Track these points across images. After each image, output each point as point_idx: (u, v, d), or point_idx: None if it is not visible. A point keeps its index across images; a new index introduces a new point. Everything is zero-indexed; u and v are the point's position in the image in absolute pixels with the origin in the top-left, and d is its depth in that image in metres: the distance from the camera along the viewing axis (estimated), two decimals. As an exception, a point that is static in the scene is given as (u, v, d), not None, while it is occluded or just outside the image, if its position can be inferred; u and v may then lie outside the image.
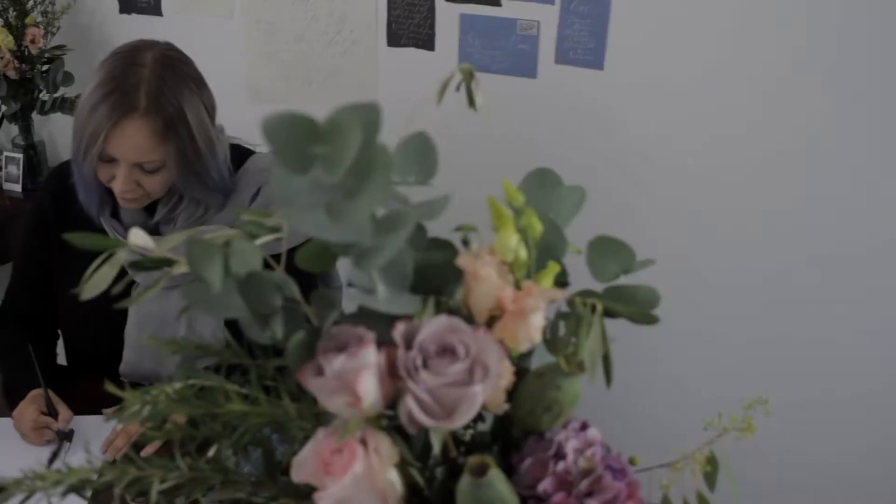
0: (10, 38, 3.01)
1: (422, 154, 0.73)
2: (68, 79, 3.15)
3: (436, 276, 0.75)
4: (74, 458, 1.83)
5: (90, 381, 2.09)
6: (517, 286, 0.74)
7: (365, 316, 0.73)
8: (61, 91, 3.19)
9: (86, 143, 1.81)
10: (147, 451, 1.81)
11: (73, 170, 1.94)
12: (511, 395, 0.74)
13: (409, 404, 0.67)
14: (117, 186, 1.87)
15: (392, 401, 0.70)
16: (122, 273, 2.04)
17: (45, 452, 1.86)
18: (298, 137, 0.55)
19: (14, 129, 3.44)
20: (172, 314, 2.02)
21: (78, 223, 2.05)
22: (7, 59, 3.02)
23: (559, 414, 0.74)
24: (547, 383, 0.73)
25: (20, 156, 3.26)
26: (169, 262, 0.78)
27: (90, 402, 2.02)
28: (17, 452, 1.86)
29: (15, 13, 3.07)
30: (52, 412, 1.89)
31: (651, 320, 0.77)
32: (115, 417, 0.82)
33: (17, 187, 3.28)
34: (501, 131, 2.78)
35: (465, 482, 0.67)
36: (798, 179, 2.51)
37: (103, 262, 0.79)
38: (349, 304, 0.75)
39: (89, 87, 1.84)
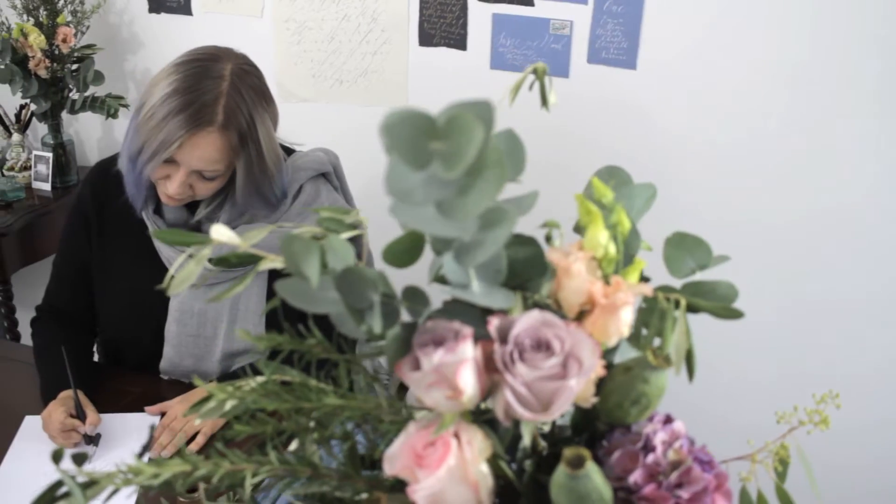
0: (42, 37, 3.02)
1: (510, 151, 0.73)
2: (98, 78, 3.16)
3: (520, 271, 0.76)
4: (100, 462, 1.85)
5: (127, 378, 2.12)
6: (605, 281, 0.75)
7: (451, 311, 0.74)
8: (91, 90, 3.19)
9: (155, 148, 1.82)
10: (192, 448, 1.83)
11: (125, 165, 1.95)
12: (598, 388, 0.74)
13: (507, 397, 0.68)
14: (171, 189, 1.88)
15: (486, 394, 0.71)
16: (163, 269, 2.05)
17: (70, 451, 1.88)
18: (417, 134, 0.56)
19: (43, 129, 3.46)
20: (213, 312, 2.04)
21: (118, 220, 2.07)
22: (38, 59, 3.03)
23: (647, 407, 0.75)
24: (635, 376, 0.74)
25: (50, 154, 3.27)
26: (254, 258, 0.78)
27: (127, 399, 2.04)
28: (48, 449, 1.87)
29: (46, 12, 3.09)
30: (81, 415, 1.89)
31: (735, 315, 0.78)
32: (194, 412, 0.83)
33: (47, 186, 3.29)
34: (533, 130, 2.79)
35: (560, 474, 0.67)
36: (833, 178, 2.52)
37: (189, 258, 0.79)
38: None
39: (161, 91, 1.83)
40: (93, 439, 1.88)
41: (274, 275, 2.04)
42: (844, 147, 2.48)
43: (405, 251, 0.75)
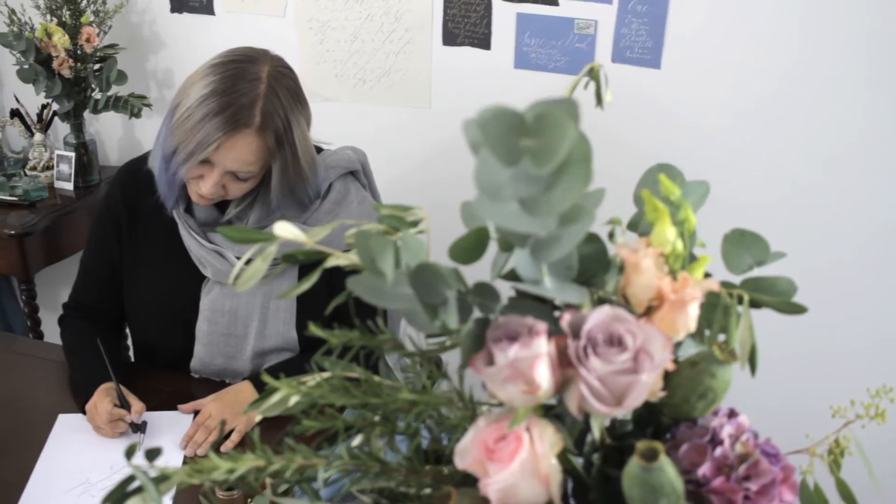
0: (66, 37, 3.03)
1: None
2: (122, 77, 3.17)
3: (585, 267, 0.77)
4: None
5: (158, 376, 2.13)
6: (672, 277, 0.76)
7: (518, 307, 0.75)
8: (114, 89, 3.21)
9: (192, 148, 1.83)
10: (227, 445, 1.84)
11: (158, 164, 1.96)
12: (664, 382, 0.75)
13: (582, 391, 0.69)
14: (205, 189, 1.89)
15: (558, 389, 0.72)
16: (193, 268, 2.03)
17: (103, 449, 1.89)
18: (507, 130, 0.57)
19: (63, 129, 3.48)
20: (244, 310, 2.05)
21: (148, 220, 2.08)
22: (62, 58, 3.04)
23: (713, 401, 0.76)
24: (702, 371, 0.75)
25: (72, 154, 3.28)
26: (321, 255, 0.79)
27: (160, 397, 2.05)
28: (85, 447, 1.89)
29: (69, 12, 3.10)
30: (125, 404, 1.91)
31: (799, 310, 0.79)
32: (255, 408, 0.84)
33: (69, 185, 3.29)
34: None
35: (634, 467, 0.68)
36: (860, 179, 2.52)
37: (255, 255, 0.80)
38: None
39: (197, 92, 1.85)
40: (139, 427, 1.90)
41: (304, 272, 2.05)
42: (870, 146, 2.49)
43: (470, 248, 0.76)
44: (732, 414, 0.78)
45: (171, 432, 1.93)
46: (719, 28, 2.55)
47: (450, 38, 2.84)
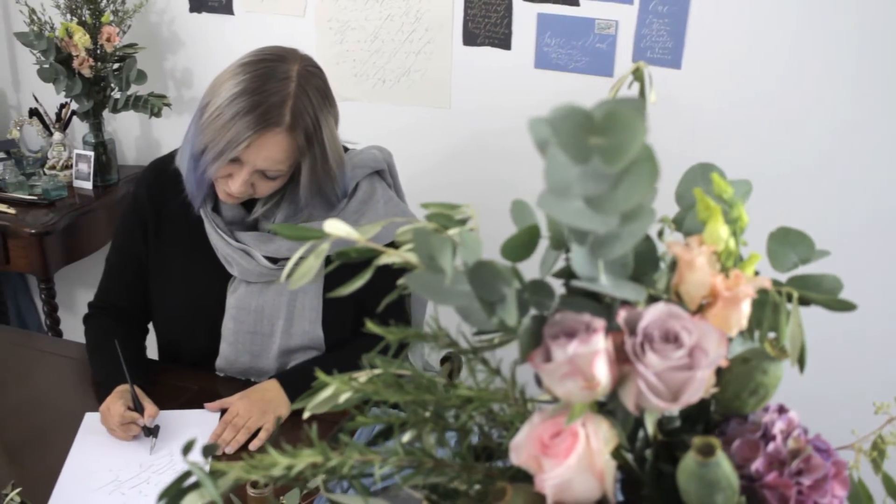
0: (87, 36, 3.05)
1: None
2: (142, 77, 3.18)
3: (636, 264, 0.78)
4: (159, 456, 1.87)
5: (183, 375, 2.14)
6: (725, 275, 0.77)
7: (570, 304, 0.76)
8: (133, 89, 3.22)
9: (222, 147, 1.84)
10: (255, 444, 1.85)
11: (186, 164, 1.96)
12: (716, 378, 0.76)
13: (640, 386, 0.70)
14: (234, 187, 1.90)
15: (615, 385, 0.73)
16: (219, 267, 2.04)
17: (131, 447, 1.90)
18: (577, 129, 0.58)
19: (80, 128, 3.49)
20: (270, 308, 2.06)
21: (175, 220, 2.09)
22: (83, 58, 3.06)
23: (764, 397, 0.77)
24: (753, 367, 0.76)
25: (91, 153, 3.29)
26: (373, 252, 0.80)
27: (185, 396, 2.06)
28: (113, 445, 1.90)
29: (89, 12, 3.11)
30: (139, 407, 1.91)
31: (848, 307, 0.80)
32: (303, 404, 0.85)
33: (88, 185, 3.31)
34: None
35: (690, 462, 0.69)
36: (881, 178, 2.53)
37: (307, 252, 0.80)
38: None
39: (227, 91, 1.86)
40: (152, 431, 1.90)
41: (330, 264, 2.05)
42: (892, 147, 2.49)
43: (522, 245, 0.77)
44: (782, 410, 0.78)
45: (198, 431, 1.93)
46: (740, 28, 2.56)
47: (470, 39, 2.85)
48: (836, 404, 2.23)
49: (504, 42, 2.81)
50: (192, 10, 3.28)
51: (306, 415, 0.85)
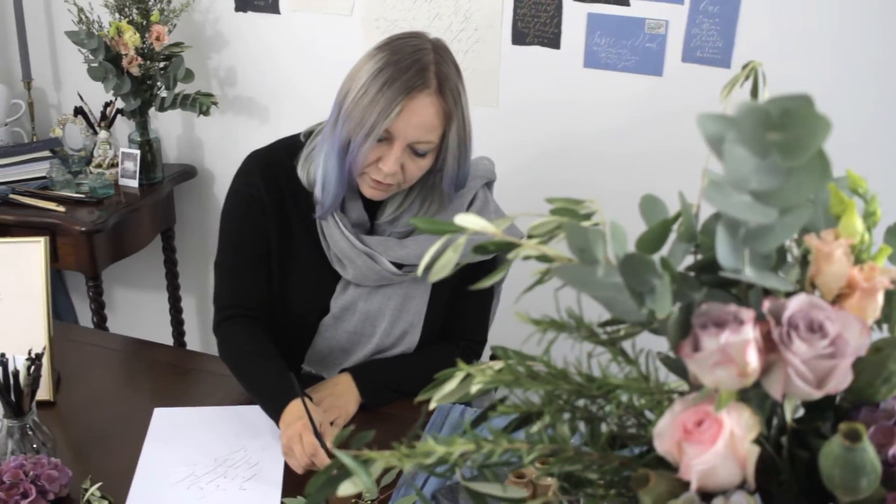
0: (137, 35, 3.08)
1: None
2: (189, 75, 3.21)
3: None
4: (231, 449, 1.89)
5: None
6: (860, 267, 0.79)
7: (715, 296, 0.79)
8: (179, 87, 3.25)
9: (374, 120, 1.83)
10: (327, 438, 1.86)
11: (332, 162, 1.95)
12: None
13: (789, 374, 0.72)
14: (387, 166, 1.88)
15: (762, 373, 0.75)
16: (327, 265, 2.05)
17: (215, 438, 1.92)
18: (757, 125, 0.60)
19: (122, 127, 3.52)
20: (376, 311, 2.08)
21: (287, 216, 2.08)
22: (132, 57, 3.08)
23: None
24: (886, 356, 0.78)
25: (137, 152, 3.32)
26: (511, 246, 0.82)
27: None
28: (185, 440, 1.92)
29: (137, 11, 3.14)
30: (318, 436, 1.76)
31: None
32: (428, 396, 0.87)
33: (134, 183, 3.33)
34: (628, 128, 2.84)
35: (836, 447, 0.72)
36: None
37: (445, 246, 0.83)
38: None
39: (367, 71, 1.87)
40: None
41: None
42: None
43: (655, 239, 0.79)
44: (912, 398, 0.81)
45: (270, 425, 1.94)
46: (791, 27, 2.57)
47: (519, 38, 2.88)
48: None
49: (553, 41, 2.83)
50: (237, 9, 3.30)
51: (432, 405, 0.88)
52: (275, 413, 1.89)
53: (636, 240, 0.79)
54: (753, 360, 0.72)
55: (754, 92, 1.01)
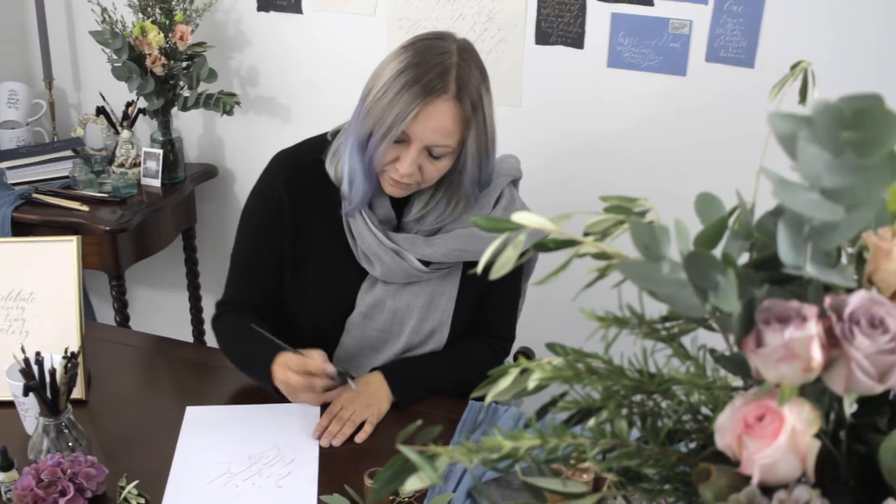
0: (161, 35, 3.09)
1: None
2: (212, 75, 3.21)
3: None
4: (264, 447, 1.90)
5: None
6: (918, 265, 0.80)
7: (777, 292, 0.80)
8: (202, 87, 3.26)
9: (390, 122, 1.84)
10: (360, 436, 1.88)
11: (355, 156, 1.96)
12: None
13: (851, 369, 0.73)
14: (404, 167, 1.89)
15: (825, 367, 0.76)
16: (354, 263, 2.05)
17: (249, 436, 1.92)
18: (832, 123, 0.61)
19: (144, 126, 3.54)
20: (404, 309, 2.09)
21: (312, 213, 2.09)
22: (155, 56, 3.10)
23: (951, 381, 0.80)
24: (944, 353, 0.79)
25: (159, 151, 3.33)
26: (572, 242, 0.83)
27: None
28: (219, 439, 1.93)
29: (161, 12, 3.16)
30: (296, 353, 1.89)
31: None
32: (484, 391, 0.88)
33: (157, 182, 3.34)
34: (652, 127, 2.85)
35: (897, 441, 0.73)
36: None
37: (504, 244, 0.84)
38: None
39: (390, 71, 1.88)
40: (343, 375, 1.90)
41: (467, 268, 2.09)
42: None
43: (713, 236, 0.80)
44: (968, 394, 0.82)
45: (302, 423, 1.96)
46: (814, 27, 2.58)
47: (542, 38, 2.89)
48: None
49: (577, 41, 2.84)
50: (259, 8, 3.31)
51: (488, 400, 0.89)
52: (265, 377, 1.94)
53: (694, 237, 0.80)
54: (818, 355, 0.73)
55: (803, 91, 1.02)
